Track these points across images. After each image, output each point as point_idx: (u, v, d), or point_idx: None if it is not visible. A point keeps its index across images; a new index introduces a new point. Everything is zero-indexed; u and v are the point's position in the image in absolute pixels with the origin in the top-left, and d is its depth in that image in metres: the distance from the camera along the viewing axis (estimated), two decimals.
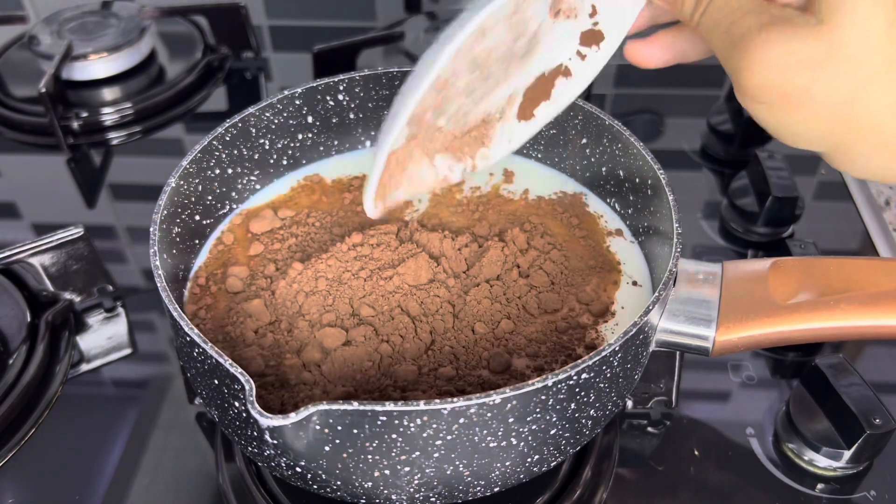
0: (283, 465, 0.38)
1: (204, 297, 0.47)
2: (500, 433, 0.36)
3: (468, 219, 0.51)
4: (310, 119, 0.54)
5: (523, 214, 0.51)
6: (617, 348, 0.37)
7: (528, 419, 0.36)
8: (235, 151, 0.51)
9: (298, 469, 0.38)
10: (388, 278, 0.45)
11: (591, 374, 0.37)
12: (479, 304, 0.44)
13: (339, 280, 0.45)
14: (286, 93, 0.52)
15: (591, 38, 0.43)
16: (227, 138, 0.50)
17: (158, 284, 0.40)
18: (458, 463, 0.37)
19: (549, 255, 0.48)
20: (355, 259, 0.46)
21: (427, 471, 0.37)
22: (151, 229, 0.43)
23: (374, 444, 0.35)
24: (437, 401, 0.34)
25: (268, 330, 0.44)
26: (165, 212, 0.44)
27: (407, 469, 0.37)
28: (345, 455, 0.36)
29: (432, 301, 0.44)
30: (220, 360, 0.35)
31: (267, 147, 0.53)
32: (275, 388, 0.41)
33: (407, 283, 0.45)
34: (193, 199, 0.48)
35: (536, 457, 0.39)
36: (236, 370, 0.35)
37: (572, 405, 0.38)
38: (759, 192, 0.63)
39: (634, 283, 0.47)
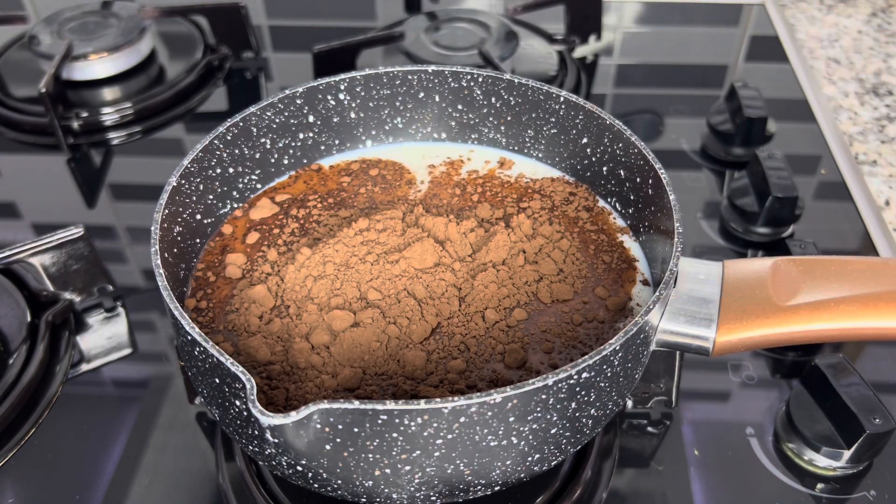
0: (284, 463, 0.38)
1: (203, 288, 0.47)
2: (500, 432, 0.36)
3: (468, 200, 0.52)
4: (311, 118, 0.54)
5: (526, 198, 0.52)
6: (617, 347, 0.37)
7: (529, 418, 0.36)
8: (237, 150, 0.51)
9: (299, 468, 0.38)
10: (395, 262, 0.46)
11: (592, 374, 0.37)
12: (486, 289, 0.45)
13: (347, 264, 0.46)
14: (287, 92, 0.52)
15: None
16: (229, 137, 0.50)
17: (160, 283, 0.40)
18: (458, 462, 0.37)
19: (558, 244, 0.48)
20: (362, 244, 0.47)
21: (428, 469, 0.37)
22: (153, 228, 0.43)
23: (375, 443, 0.35)
24: (438, 400, 0.34)
25: (274, 315, 0.44)
26: (167, 211, 0.45)
27: (408, 468, 0.37)
28: (345, 454, 0.36)
29: (438, 285, 0.45)
30: (222, 358, 0.35)
31: (268, 146, 0.53)
32: (280, 379, 0.41)
33: (413, 267, 0.45)
34: (195, 198, 0.48)
35: (537, 456, 0.39)
36: (237, 369, 0.35)
37: (573, 404, 0.38)
38: (759, 192, 0.63)
39: (645, 282, 0.47)
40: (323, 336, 0.42)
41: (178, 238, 0.47)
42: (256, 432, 0.37)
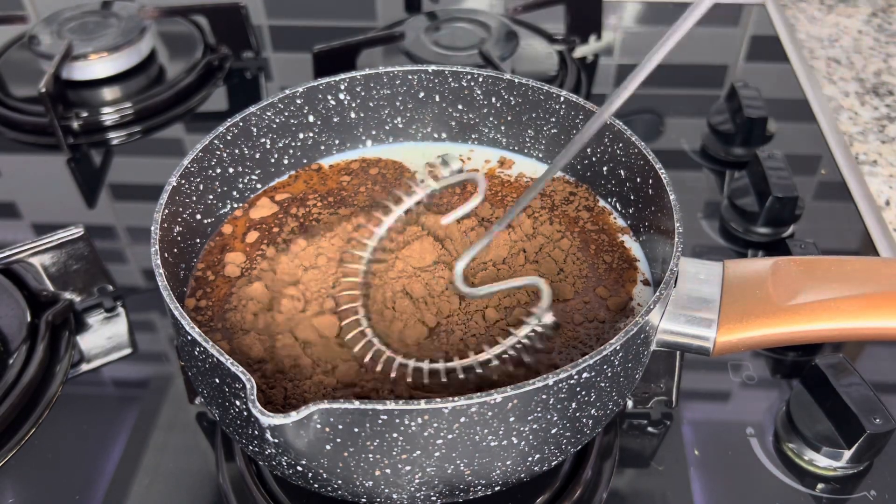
0: (284, 463, 0.38)
1: (203, 287, 0.47)
2: (501, 432, 0.36)
3: (467, 199, 0.52)
4: (311, 118, 0.54)
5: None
6: (618, 347, 0.37)
7: (529, 418, 0.36)
8: (237, 150, 0.51)
9: (299, 468, 0.38)
10: (392, 264, 0.46)
11: (592, 374, 0.37)
12: None
13: (341, 260, 0.46)
14: (287, 92, 0.52)
15: None
16: (229, 137, 0.50)
17: (160, 283, 0.40)
18: (458, 462, 0.37)
19: (559, 244, 0.48)
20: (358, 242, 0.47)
21: (428, 470, 0.37)
22: (153, 228, 0.43)
23: (375, 443, 0.35)
24: (438, 400, 0.34)
25: (267, 311, 0.45)
26: (167, 210, 0.45)
27: (408, 468, 0.37)
28: (346, 454, 0.36)
29: (437, 283, 0.45)
30: (222, 358, 0.35)
31: (268, 146, 0.53)
32: (276, 379, 0.41)
33: (411, 266, 0.45)
34: (195, 198, 0.48)
35: (537, 456, 0.39)
36: (237, 369, 0.35)
37: (573, 404, 0.38)
38: (759, 192, 0.63)
39: (645, 282, 0.47)
40: (311, 334, 0.43)
41: (178, 238, 0.47)
42: (256, 432, 0.37)
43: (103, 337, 0.56)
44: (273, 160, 0.54)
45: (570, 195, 0.53)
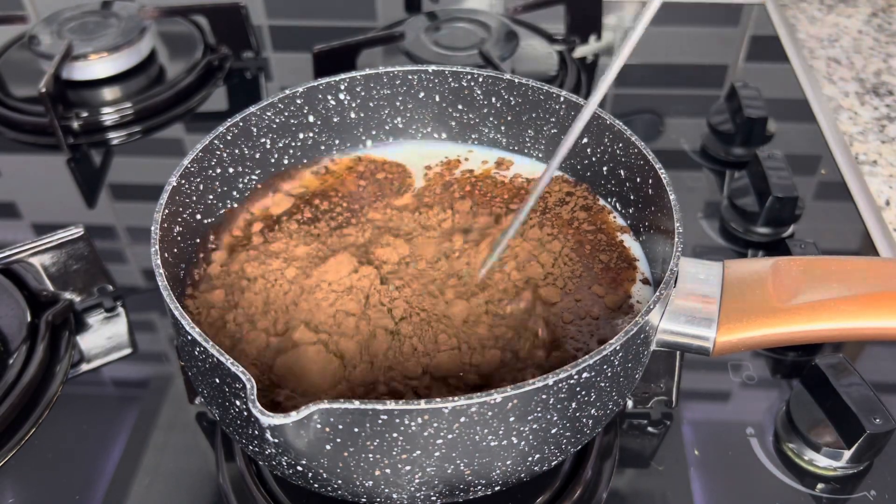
0: (284, 463, 0.38)
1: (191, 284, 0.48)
2: (500, 432, 0.36)
3: (449, 198, 0.52)
4: (311, 118, 0.54)
5: (518, 199, 0.52)
6: (618, 347, 0.37)
7: (529, 418, 0.36)
8: (237, 150, 0.51)
9: (299, 468, 0.38)
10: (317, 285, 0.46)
11: (592, 374, 0.37)
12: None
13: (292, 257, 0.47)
14: (287, 92, 0.52)
15: None
16: (229, 137, 0.50)
17: (160, 283, 0.40)
18: (458, 462, 0.37)
19: (548, 247, 0.48)
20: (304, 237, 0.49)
21: (428, 469, 0.37)
22: (153, 228, 0.43)
23: (375, 443, 0.35)
24: (438, 400, 0.34)
25: (226, 314, 0.45)
26: (167, 210, 0.45)
27: (408, 468, 0.37)
28: (346, 454, 0.36)
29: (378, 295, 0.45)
30: (222, 358, 0.35)
31: (268, 146, 0.53)
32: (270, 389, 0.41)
33: (325, 281, 0.45)
34: (195, 198, 0.48)
35: (537, 456, 0.39)
36: (237, 369, 0.35)
37: (573, 404, 0.38)
38: (759, 192, 0.63)
39: (645, 282, 0.47)
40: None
41: (178, 238, 0.47)
42: (256, 432, 0.37)
43: (103, 337, 0.56)
44: (273, 160, 0.54)
45: (567, 196, 0.53)
